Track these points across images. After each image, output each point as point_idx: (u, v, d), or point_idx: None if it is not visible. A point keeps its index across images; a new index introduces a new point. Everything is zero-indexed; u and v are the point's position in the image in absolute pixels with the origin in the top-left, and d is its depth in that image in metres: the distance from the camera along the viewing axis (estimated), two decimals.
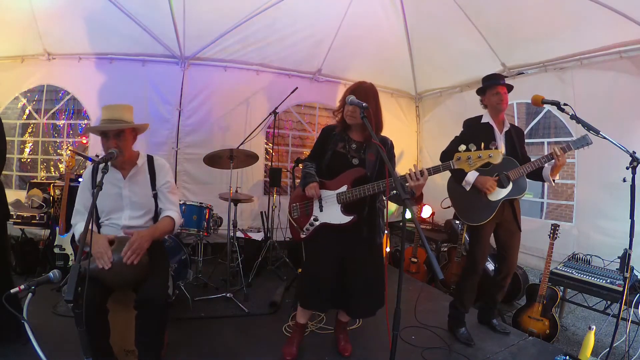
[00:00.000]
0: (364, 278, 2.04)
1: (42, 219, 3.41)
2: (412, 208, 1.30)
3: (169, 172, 2.10)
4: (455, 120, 4.52)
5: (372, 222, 2.06)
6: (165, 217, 2.00)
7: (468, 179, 2.42)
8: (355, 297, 2.05)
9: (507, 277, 2.58)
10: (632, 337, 2.45)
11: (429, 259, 1.39)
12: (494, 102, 2.48)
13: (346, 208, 1.99)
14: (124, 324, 1.87)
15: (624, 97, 2.96)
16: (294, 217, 2.14)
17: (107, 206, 1.95)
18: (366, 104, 1.69)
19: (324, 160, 2.10)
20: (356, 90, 2.00)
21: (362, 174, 2.00)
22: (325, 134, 2.15)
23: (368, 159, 2.04)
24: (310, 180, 2.02)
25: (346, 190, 1.98)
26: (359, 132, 2.09)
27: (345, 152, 2.07)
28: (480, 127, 2.50)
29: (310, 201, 2.07)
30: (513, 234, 2.52)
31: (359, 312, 2.19)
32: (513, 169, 2.38)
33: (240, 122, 4.37)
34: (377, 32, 4.21)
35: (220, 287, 3.23)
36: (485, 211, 2.41)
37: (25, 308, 1.19)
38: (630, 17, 2.68)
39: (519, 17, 3.29)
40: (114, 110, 1.91)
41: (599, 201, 3.17)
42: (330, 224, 2.01)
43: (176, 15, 3.60)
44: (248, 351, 2.31)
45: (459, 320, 2.58)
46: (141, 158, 2.03)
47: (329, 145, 2.10)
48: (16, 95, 4.06)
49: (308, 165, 2.14)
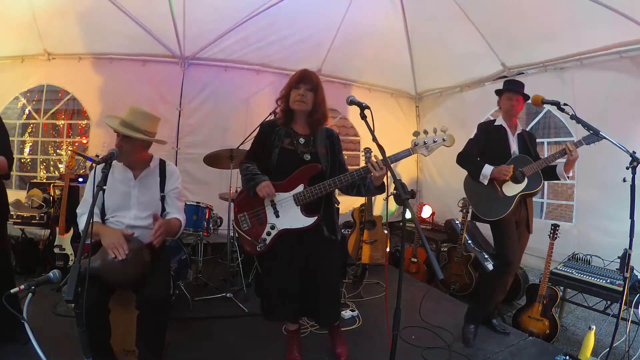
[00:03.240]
0: (328, 281, 1.94)
1: (42, 219, 3.42)
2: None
3: (178, 179, 2.13)
4: (456, 120, 4.56)
5: (330, 220, 1.96)
6: (174, 218, 2.02)
7: (484, 172, 2.41)
8: (323, 304, 1.94)
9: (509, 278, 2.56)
10: (632, 337, 2.44)
11: (429, 259, 1.39)
12: (507, 107, 2.51)
13: (306, 209, 1.85)
14: (124, 324, 1.87)
15: (624, 97, 2.96)
16: (244, 229, 1.91)
17: (115, 203, 1.95)
18: (366, 104, 1.66)
19: (272, 160, 1.90)
20: (306, 77, 1.91)
21: (317, 170, 1.86)
22: (266, 130, 1.96)
23: (320, 152, 1.92)
24: (259, 179, 1.79)
25: (303, 189, 1.83)
26: (303, 123, 1.95)
27: (293, 149, 1.91)
28: (494, 130, 2.53)
29: (261, 208, 1.88)
30: (521, 235, 2.52)
31: (330, 319, 2.07)
32: (526, 165, 2.40)
33: (240, 122, 4.36)
34: (377, 32, 4.20)
35: (220, 287, 3.23)
36: (503, 205, 2.41)
37: (25, 308, 1.19)
38: (630, 17, 2.68)
39: (519, 17, 3.29)
40: (133, 115, 1.92)
41: (599, 201, 3.17)
42: (291, 229, 1.85)
43: (176, 15, 3.60)
44: (248, 351, 2.31)
45: (476, 318, 2.56)
46: (154, 161, 2.06)
47: (273, 142, 1.92)
48: (16, 95, 4.06)
49: (249, 166, 1.90)
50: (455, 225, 4.11)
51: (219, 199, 3.43)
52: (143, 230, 1.95)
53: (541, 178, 2.42)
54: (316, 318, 2.12)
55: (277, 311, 1.99)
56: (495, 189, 2.43)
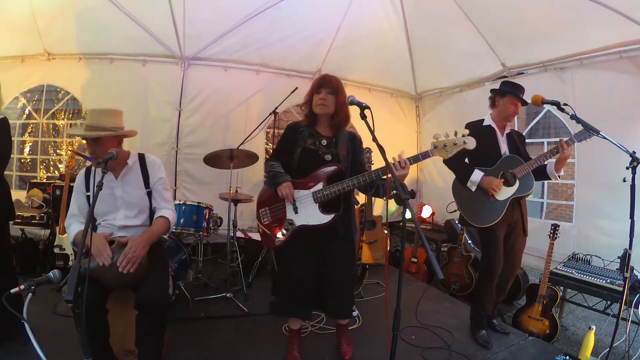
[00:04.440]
0: (339, 278, 2.00)
1: (42, 219, 3.42)
2: None
3: (160, 168, 2.09)
4: (455, 120, 4.56)
5: (348, 219, 2.01)
6: (159, 218, 1.99)
7: (473, 178, 2.38)
8: (333, 298, 2.00)
9: (508, 280, 2.55)
10: (632, 337, 2.44)
11: (429, 259, 1.39)
12: (508, 110, 2.44)
13: (324, 207, 1.91)
14: (124, 324, 1.87)
15: (624, 97, 2.96)
16: (265, 224, 1.99)
17: (102, 208, 1.94)
18: (366, 104, 1.68)
19: (294, 159, 1.99)
20: (326, 81, 1.97)
21: (337, 170, 1.93)
22: (291, 131, 2.05)
23: (341, 154, 1.98)
24: (281, 179, 1.89)
25: (322, 187, 1.90)
26: (326, 126, 2.03)
27: (315, 149, 1.98)
28: (483, 130, 2.49)
29: (281, 204, 1.95)
30: (517, 238, 2.49)
31: (335, 313, 2.13)
32: (518, 166, 2.37)
33: (240, 122, 4.37)
34: (377, 32, 4.20)
35: (220, 287, 3.23)
36: (494, 212, 2.37)
37: (25, 308, 1.19)
38: (630, 17, 2.68)
39: (519, 17, 3.29)
40: (94, 116, 1.90)
41: (599, 201, 3.16)
42: (309, 225, 1.91)
43: (176, 15, 3.60)
44: (248, 351, 2.31)
45: (480, 323, 2.56)
46: (131, 157, 2.02)
47: (296, 142, 2.00)
48: (16, 95, 4.06)
49: (274, 164, 2.00)
50: (455, 225, 4.11)
51: (219, 199, 3.43)
52: (136, 229, 1.95)
53: (533, 179, 2.39)
54: (325, 310, 2.15)
55: (288, 307, 2.02)
56: (485, 193, 2.39)
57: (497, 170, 2.41)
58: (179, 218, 2.99)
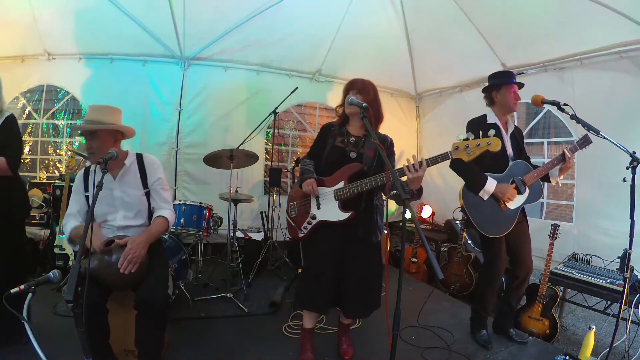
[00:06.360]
0: (357, 278, 2.00)
1: (42, 219, 3.42)
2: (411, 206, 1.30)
3: (159, 168, 2.08)
4: (455, 120, 4.55)
5: (368, 220, 2.02)
6: (158, 218, 1.99)
7: (487, 188, 2.23)
8: (349, 297, 2.03)
9: (524, 281, 2.47)
10: (632, 337, 2.44)
11: (429, 259, 1.39)
12: (512, 100, 2.34)
13: (344, 205, 1.96)
14: (124, 324, 1.87)
15: (624, 97, 2.96)
16: (292, 216, 2.12)
17: (101, 209, 1.93)
18: (366, 104, 1.69)
19: (323, 156, 2.08)
20: (354, 83, 2.04)
21: (359, 169, 1.97)
22: (325, 131, 2.15)
23: (366, 154, 2.01)
24: (307, 176, 2.01)
25: (343, 186, 1.95)
26: (357, 126, 2.08)
27: (343, 146, 2.05)
28: (488, 128, 2.44)
29: (308, 199, 2.05)
30: (522, 234, 2.42)
31: (352, 312, 2.16)
32: (527, 173, 2.32)
33: (240, 122, 4.37)
34: (377, 32, 4.20)
35: (220, 287, 3.23)
36: (506, 221, 2.31)
37: (25, 308, 1.19)
38: (630, 17, 2.68)
39: (519, 17, 3.29)
40: (93, 111, 1.91)
41: (599, 201, 3.16)
42: (327, 221, 1.99)
43: (176, 15, 3.60)
44: (248, 351, 2.31)
45: (481, 324, 2.55)
46: (129, 157, 2.00)
47: (327, 140, 2.10)
48: (16, 95, 4.06)
49: (306, 162, 2.13)
50: (455, 225, 4.11)
51: (219, 199, 3.43)
52: (135, 229, 1.95)
53: (541, 186, 2.36)
54: (344, 309, 2.17)
55: (310, 300, 2.06)
56: (497, 202, 2.31)
57: (507, 177, 2.32)
58: (179, 218, 3.00)
